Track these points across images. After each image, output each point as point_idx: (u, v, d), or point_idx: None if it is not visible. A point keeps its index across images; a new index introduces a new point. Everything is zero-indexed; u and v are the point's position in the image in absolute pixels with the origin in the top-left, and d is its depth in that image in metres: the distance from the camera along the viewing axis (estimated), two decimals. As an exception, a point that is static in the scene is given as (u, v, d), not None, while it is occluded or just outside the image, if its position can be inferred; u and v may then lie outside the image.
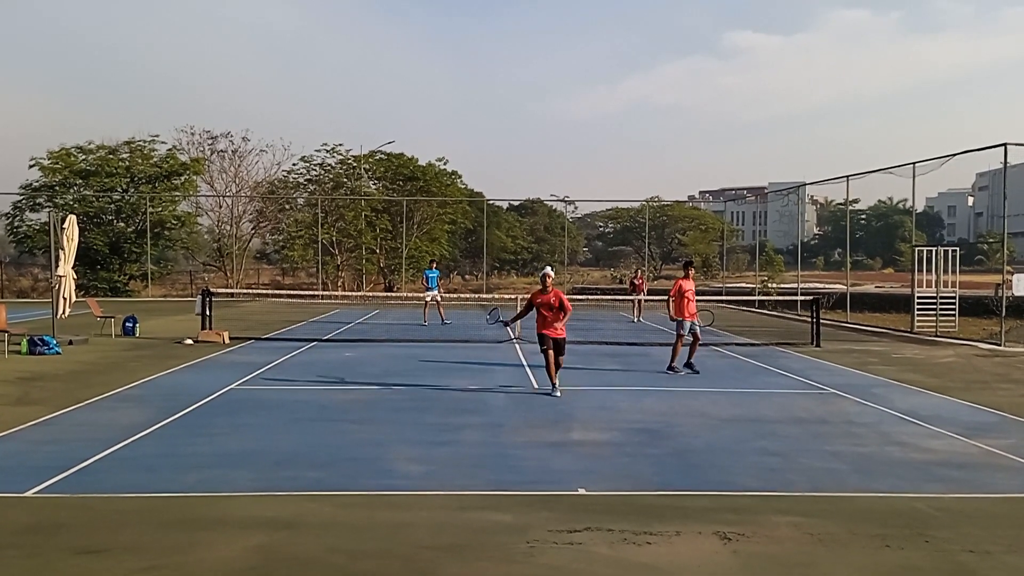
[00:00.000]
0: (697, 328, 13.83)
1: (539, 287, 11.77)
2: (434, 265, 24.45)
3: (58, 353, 15.28)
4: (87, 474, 7.12)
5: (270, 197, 44.57)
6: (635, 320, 25.53)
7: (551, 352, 11.40)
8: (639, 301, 25.57)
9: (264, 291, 38.93)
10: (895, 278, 55.17)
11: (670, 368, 13.64)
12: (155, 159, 40.55)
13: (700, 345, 14.14)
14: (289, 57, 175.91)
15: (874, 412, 10.59)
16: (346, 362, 14.95)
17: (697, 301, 14.11)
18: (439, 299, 23.74)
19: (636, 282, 26.49)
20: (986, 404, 11.15)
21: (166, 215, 39.75)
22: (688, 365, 13.77)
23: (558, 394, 11.25)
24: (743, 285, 42.04)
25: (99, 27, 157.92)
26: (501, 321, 13.13)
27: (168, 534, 5.60)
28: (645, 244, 54.57)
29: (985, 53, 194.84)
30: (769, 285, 36.87)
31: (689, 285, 13.80)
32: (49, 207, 37.11)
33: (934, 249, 22.66)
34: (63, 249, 16.97)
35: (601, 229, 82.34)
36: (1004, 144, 19.10)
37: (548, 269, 12.00)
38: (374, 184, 47.22)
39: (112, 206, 39.64)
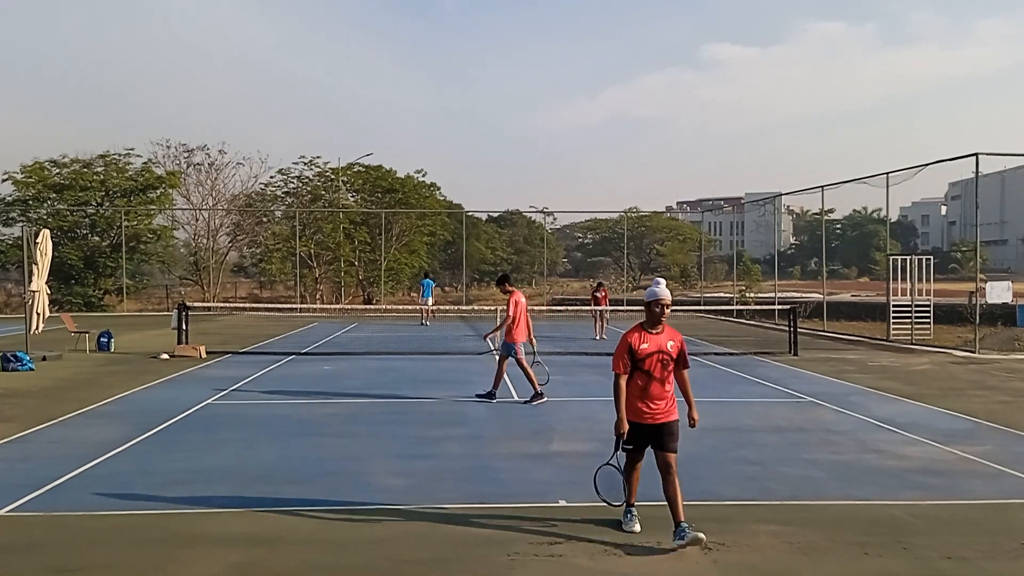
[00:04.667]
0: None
1: (638, 324, 6.04)
2: (427, 276, 29.50)
3: (31, 369, 15.06)
4: (61, 492, 7.01)
5: (247, 210, 44.31)
6: (597, 337, 22.88)
7: (640, 460, 6.10)
8: (601, 315, 23.63)
9: (242, 304, 38.60)
10: (870, 287, 55.79)
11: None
12: (130, 172, 40.15)
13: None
14: (266, 69, 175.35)
15: (851, 420, 10.67)
16: (325, 375, 14.86)
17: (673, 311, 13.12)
18: (429, 306, 27.85)
19: (598, 295, 23.65)
20: (961, 411, 11.27)
21: (141, 229, 39.36)
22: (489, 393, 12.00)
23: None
24: (721, 295, 42.28)
25: (74, 41, 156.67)
26: (613, 468, 6.30)
27: (144, 552, 5.52)
28: (624, 255, 54.80)
29: (958, 65, 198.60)
30: (747, 294, 37.21)
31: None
32: (22, 221, 36.65)
33: (908, 258, 22.94)
34: (36, 264, 16.75)
35: (580, 240, 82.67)
36: (976, 154, 19.39)
37: (662, 286, 6.04)
38: (352, 196, 47.10)
39: (86, 220, 39.19)
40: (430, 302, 28.45)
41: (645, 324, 5.97)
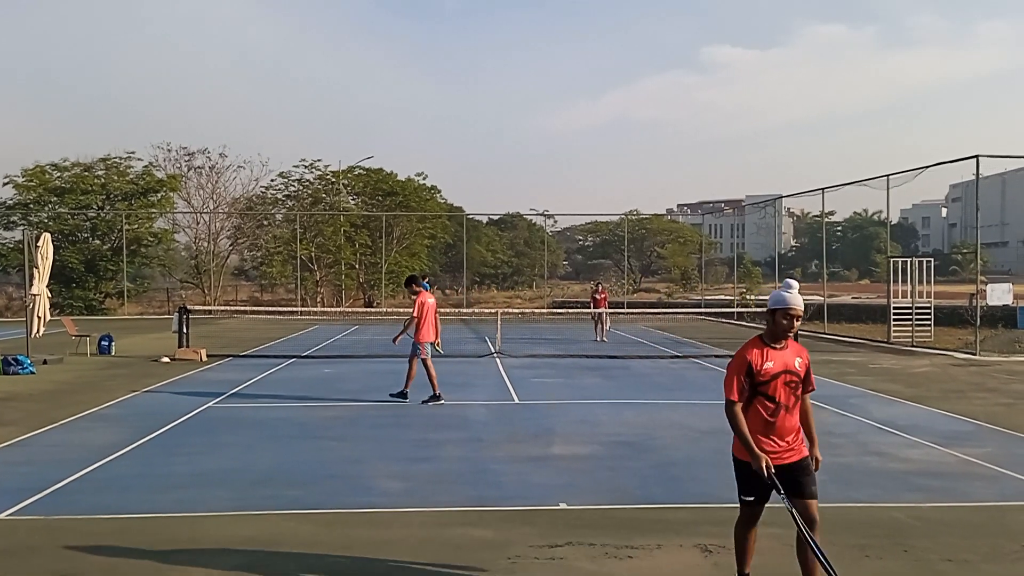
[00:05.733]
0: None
1: (757, 337, 4.88)
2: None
3: (32, 373, 15.05)
4: (61, 496, 7.01)
5: (248, 213, 44.33)
6: (597, 339, 22.94)
7: (761, 513, 5.00)
8: (601, 317, 23.49)
9: (242, 308, 38.59)
10: (871, 289, 55.76)
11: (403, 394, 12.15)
12: (131, 176, 40.15)
13: (679, 357, 14.10)
14: (266, 72, 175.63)
15: (852, 422, 10.66)
16: (325, 379, 14.85)
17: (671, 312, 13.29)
18: None
19: (598, 297, 23.79)
20: (962, 413, 11.26)
21: (142, 232, 39.38)
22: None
23: None
24: (721, 297, 42.22)
25: (75, 44, 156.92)
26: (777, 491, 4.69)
27: (144, 556, 5.52)
28: (624, 257, 54.83)
29: (958, 67, 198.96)
30: (747, 297, 37.16)
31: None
32: (23, 225, 36.66)
33: (909, 260, 22.93)
34: (37, 267, 16.77)
35: (581, 243, 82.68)
36: (976, 156, 19.40)
37: (794, 291, 4.75)
38: (353, 199, 47.11)
39: (87, 223, 39.21)
40: None
41: (766, 337, 4.79)
